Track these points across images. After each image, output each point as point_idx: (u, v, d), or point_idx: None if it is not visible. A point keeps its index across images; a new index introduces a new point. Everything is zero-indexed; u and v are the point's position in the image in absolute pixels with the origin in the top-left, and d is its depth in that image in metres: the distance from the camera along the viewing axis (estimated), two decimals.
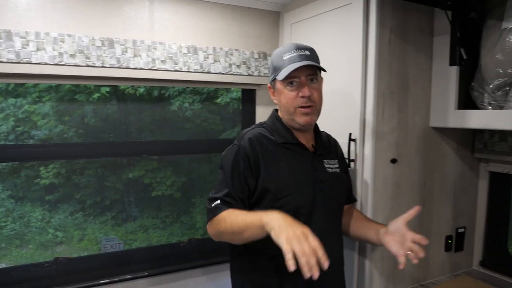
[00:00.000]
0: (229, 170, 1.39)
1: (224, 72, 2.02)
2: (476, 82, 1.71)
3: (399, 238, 1.37)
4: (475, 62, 1.74)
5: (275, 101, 1.51)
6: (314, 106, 1.42)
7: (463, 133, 1.97)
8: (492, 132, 1.94)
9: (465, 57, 1.69)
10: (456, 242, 2.03)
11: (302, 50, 1.41)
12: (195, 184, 4.79)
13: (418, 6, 1.73)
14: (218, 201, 1.36)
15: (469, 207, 2.07)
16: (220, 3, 2.05)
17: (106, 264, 1.97)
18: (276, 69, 1.43)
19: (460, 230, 2.04)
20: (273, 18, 2.21)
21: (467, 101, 1.78)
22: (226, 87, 2.29)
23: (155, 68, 1.86)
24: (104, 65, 1.75)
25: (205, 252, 2.13)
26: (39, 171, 3.95)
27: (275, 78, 1.45)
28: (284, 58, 1.40)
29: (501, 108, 1.61)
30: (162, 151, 2.29)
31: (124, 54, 1.79)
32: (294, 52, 1.40)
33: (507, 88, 1.58)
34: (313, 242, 1.09)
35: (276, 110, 1.54)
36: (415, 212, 1.40)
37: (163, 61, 1.87)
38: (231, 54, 2.04)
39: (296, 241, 1.07)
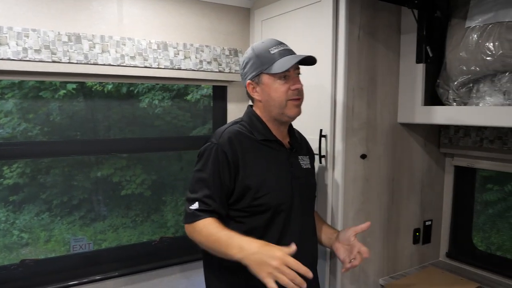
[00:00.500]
0: (207, 169, 1.37)
1: (195, 69, 2.00)
2: (441, 79, 1.76)
3: (348, 247, 1.47)
4: (440, 59, 1.80)
5: (256, 97, 1.46)
6: (301, 99, 1.46)
7: (429, 128, 2.03)
8: (457, 128, 2.01)
9: (431, 54, 1.74)
10: (423, 234, 2.09)
11: (285, 45, 1.45)
12: (165, 182, 4.73)
13: (386, 4, 1.76)
14: (197, 204, 1.34)
15: (436, 200, 2.14)
16: None
17: (75, 265, 1.92)
18: (264, 63, 1.40)
19: (427, 223, 2.10)
20: (244, 15, 2.21)
21: (433, 98, 1.83)
22: (197, 83, 2.26)
23: (124, 65, 1.82)
24: (71, 61, 1.70)
25: (177, 250, 2.11)
26: (2, 171, 3.81)
27: (260, 73, 1.41)
28: (272, 52, 1.40)
29: (465, 104, 1.67)
30: (132, 148, 2.26)
31: (92, 50, 1.74)
32: (280, 46, 1.42)
33: (471, 85, 1.64)
34: (293, 264, 1.12)
35: (251, 106, 1.53)
36: (366, 227, 1.48)
37: (132, 57, 1.84)
38: (202, 51, 2.02)
39: (277, 274, 1.11)
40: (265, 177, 1.39)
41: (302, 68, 1.49)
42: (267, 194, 1.38)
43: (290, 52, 1.42)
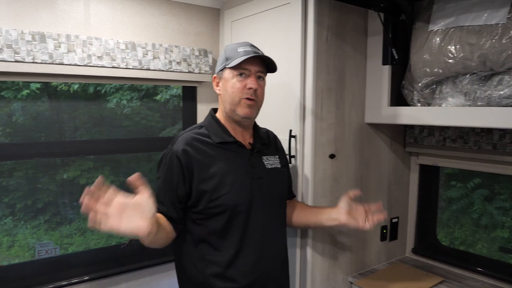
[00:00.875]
0: (162, 175, 1.43)
1: (164, 69, 1.98)
2: (406, 81, 1.81)
3: (355, 213, 1.54)
4: (406, 61, 1.85)
5: (218, 91, 1.50)
6: (256, 101, 1.45)
7: (395, 128, 2.09)
8: (422, 128, 2.07)
9: (396, 57, 1.79)
10: (390, 231, 2.15)
11: (255, 47, 1.47)
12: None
13: (353, 7, 1.81)
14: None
15: (402, 198, 2.20)
16: None
17: (41, 270, 1.87)
18: (228, 59, 1.45)
19: (394, 220, 2.16)
20: (213, 15, 2.20)
21: (399, 99, 1.88)
22: (166, 84, 2.25)
23: (91, 65, 1.78)
24: (35, 61, 1.65)
25: (147, 253, 2.09)
26: None
27: (224, 67, 1.46)
28: (239, 50, 1.43)
29: (429, 105, 1.72)
30: (100, 150, 2.21)
31: (57, 50, 1.70)
32: (250, 47, 1.45)
33: (434, 86, 1.69)
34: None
35: (214, 110, 1.56)
36: (357, 192, 1.57)
37: (99, 57, 1.80)
38: (171, 51, 2.00)
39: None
40: (221, 180, 1.40)
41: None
42: (222, 196, 1.40)
43: (256, 53, 1.43)
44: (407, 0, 1.70)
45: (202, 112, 2.21)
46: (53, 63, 1.69)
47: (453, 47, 1.56)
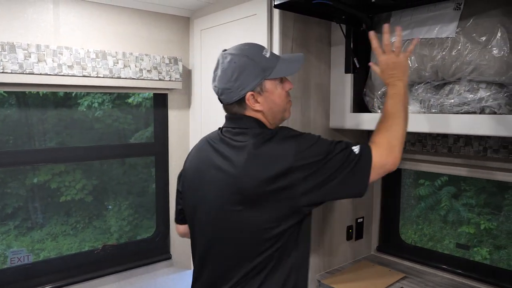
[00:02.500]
0: None
1: (135, 77, 2.02)
2: (367, 88, 1.91)
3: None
4: (367, 70, 1.95)
5: (257, 107, 1.28)
6: None
7: (359, 133, 2.18)
8: None
9: (358, 65, 1.88)
10: (356, 231, 2.25)
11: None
12: (107, 187, 4.64)
13: (317, 19, 1.89)
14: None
15: (367, 199, 2.31)
16: (128, 8, 2.05)
17: (13, 279, 1.88)
18: (266, 69, 1.26)
19: (359, 220, 2.26)
20: (183, 24, 2.25)
21: (361, 105, 1.97)
22: (137, 91, 2.29)
23: (61, 74, 1.81)
24: (5, 71, 1.67)
25: (121, 258, 2.13)
26: None
27: (263, 79, 1.26)
28: (267, 55, 1.29)
29: None
30: (71, 158, 2.22)
31: (27, 59, 1.72)
32: (265, 48, 1.33)
33: None
34: None
35: (260, 124, 1.31)
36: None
37: (70, 67, 1.83)
38: (142, 59, 2.04)
39: None
40: None
41: None
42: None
43: (275, 53, 1.35)
44: (367, 13, 1.79)
45: (173, 119, 2.26)
46: (23, 73, 1.71)
47: (409, 58, 1.66)
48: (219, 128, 1.37)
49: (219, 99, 1.33)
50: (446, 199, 4.72)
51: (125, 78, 2.00)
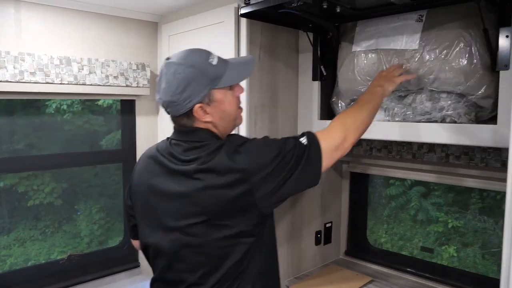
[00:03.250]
0: None
1: (101, 84, 1.99)
2: (335, 96, 1.93)
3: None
4: (335, 77, 1.97)
5: (207, 119, 1.23)
6: None
7: None
8: None
9: (325, 73, 1.91)
10: (324, 235, 2.28)
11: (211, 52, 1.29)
12: (78, 190, 4.55)
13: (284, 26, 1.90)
14: None
15: (335, 204, 2.34)
16: (94, 12, 2.01)
17: None
18: (214, 78, 1.20)
19: (327, 225, 2.29)
20: (151, 29, 2.23)
21: (329, 112, 2.00)
22: (103, 98, 2.25)
23: (23, 81, 1.76)
24: None
25: (88, 267, 2.09)
26: None
27: (210, 89, 1.20)
28: (214, 63, 1.22)
29: None
30: (40, 166, 2.15)
31: None
32: (212, 54, 1.25)
33: None
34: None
35: (211, 134, 1.26)
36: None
37: (32, 73, 1.78)
38: (108, 65, 2.01)
39: None
40: None
41: None
42: None
43: (223, 58, 1.28)
44: (333, 22, 1.81)
45: (141, 125, 2.23)
46: None
47: (373, 67, 1.69)
48: (168, 139, 1.30)
49: (166, 111, 1.27)
50: (415, 198, 4.82)
51: (91, 85, 1.96)
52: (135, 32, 2.16)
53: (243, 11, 1.62)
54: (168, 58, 1.24)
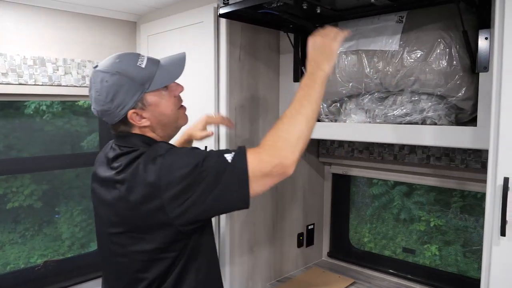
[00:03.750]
0: None
1: (77, 85, 1.94)
2: None
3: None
4: None
5: (144, 123, 1.19)
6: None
7: (309, 140, 2.19)
8: (332, 140, 2.20)
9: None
10: (307, 238, 2.26)
11: (142, 54, 1.25)
12: (59, 191, 4.47)
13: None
14: None
15: (317, 205, 2.33)
16: (69, 12, 1.95)
17: None
18: (144, 82, 1.16)
19: (310, 227, 2.27)
20: (130, 29, 2.18)
21: None
22: (80, 99, 2.19)
23: None
24: None
25: (64, 273, 2.03)
26: None
27: (142, 94, 1.16)
28: (143, 66, 1.17)
29: (336, 121, 1.84)
30: (19, 169, 2.09)
31: None
32: (141, 56, 1.21)
33: (337, 105, 1.81)
34: None
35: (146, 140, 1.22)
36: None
37: (4, 74, 1.73)
38: (84, 66, 1.96)
39: None
40: None
41: (186, 86, 1.44)
42: None
43: (154, 59, 1.24)
44: (313, 23, 1.79)
45: None
46: None
47: (355, 68, 1.67)
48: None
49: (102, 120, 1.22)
50: (398, 198, 4.86)
51: (67, 86, 1.91)
52: (112, 31, 2.11)
53: (222, 11, 1.59)
54: (96, 66, 1.19)
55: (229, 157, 1.09)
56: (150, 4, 1.96)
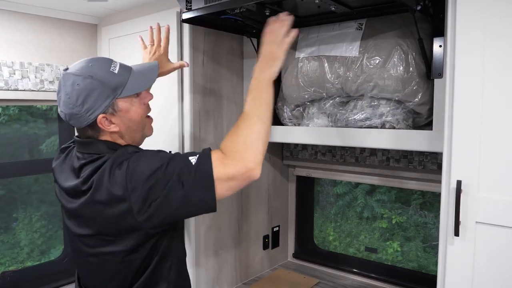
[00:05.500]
0: None
1: (35, 89, 1.88)
2: (280, 101, 1.94)
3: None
4: (279, 83, 1.98)
5: (113, 129, 1.18)
6: None
7: (273, 144, 2.22)
8: (296, 143, 2.23)
9: None
10: (272, 239, 2.29)
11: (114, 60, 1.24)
12: (16, 196, 4.30)
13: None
14: None
15: (282, 207, 2.36)
16: (27, 13, 1.89)
17: None
18: (117, 87, 1.15)
19: (275, 229, 2.30)
20: (90, 31, 2.13)
21: (274, 118, 2.00)
22: (39, 104, 2.13)
23: None
24: None
25: (24, 284, 1.97)
26: None
27: (113, 99, 1.15)
28: (116, 71, 1.17)
29: (299, 124, 1.87)
30: None
31: None
32: (114, 62, 1.21)
33: (301, 109, 1.84)
34: None
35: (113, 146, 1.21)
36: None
37: None
38: (43, 70, 1.91)
39: None
40: None
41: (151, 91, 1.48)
42: None
43: (126, 66, 1.24)
44: None
45: None
46: None
47: (316, 74, 1.71)
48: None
49: (69, 123, 1.19)
50: (361, 196, 4.97)
51: (24, 90, 1.85)
52: (72, 34, 2.06)
53: (184, 16, 1.58)
54: (66, 69, 1.17)
55: (193, 159, 1.09)
56: (110, 6, 1.93)
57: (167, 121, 1.77)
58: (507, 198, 1.04)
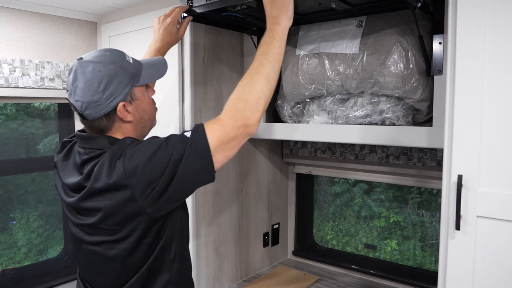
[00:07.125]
0: None
1: (35, 87, 1.88)
2: (280, 99, 1.95)
3: None
4: (279, 80, 1.98)
5: (129, 118, 1.18)
6: None
7: (273, 141, 2.23)
8: (296, 140, 2.24)
9: None
10: (272, 237, 2.29)
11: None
12: (13, 197, 4.28)
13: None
14: None
15: (282, 205, 2.36)
16: (27, 11, 1.89)
17: None
18: (134, 75, 1.17)
19: (275, 227, 2.31)
20: (90, 29, 2.13)
21: (274, 115, 2.01)
22: (39, 101, 2.12)
23: None
24: None
25: (24, 282, 1.97)
26: None
27: (132, 87, 1.17)
28: (131, 61, 1.20)
29: (299, 122, 1.88)
30: None
31: None
32: (126, 54, 1.22)
33: (301, 106, 1.85)
34: None
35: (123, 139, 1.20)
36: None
37: None
38: (43, 67, 1.90)
39: None
40: None
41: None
42: None
43: (136, 59, 1.26)
44: None
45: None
46: None
47: (317, 71, 1.72)
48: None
49: (80, 115, 1.16)
50: (359, 195, 4.99)
51: (24, 88, 1.85)
52: (72, 32, 2.06)
53: (185, 14, 1.59)
54: (80, 58, 1.16)
55: (188, 133, 1.11)
56: (109, 4, 1.93)
57: (168, 118, 1.78)
58: (508, 192, 1.05)
